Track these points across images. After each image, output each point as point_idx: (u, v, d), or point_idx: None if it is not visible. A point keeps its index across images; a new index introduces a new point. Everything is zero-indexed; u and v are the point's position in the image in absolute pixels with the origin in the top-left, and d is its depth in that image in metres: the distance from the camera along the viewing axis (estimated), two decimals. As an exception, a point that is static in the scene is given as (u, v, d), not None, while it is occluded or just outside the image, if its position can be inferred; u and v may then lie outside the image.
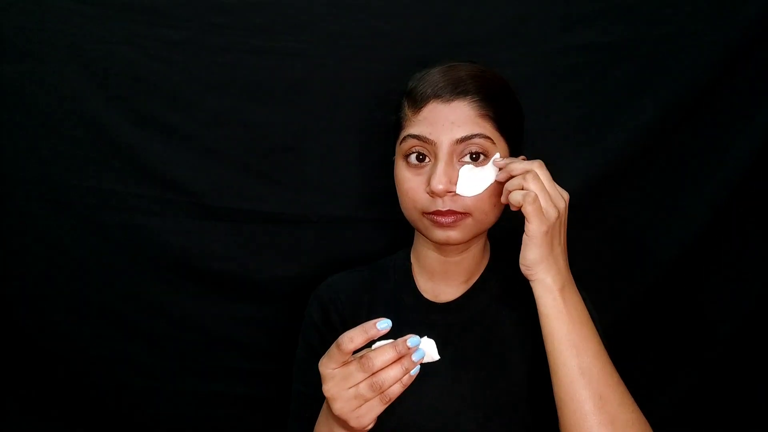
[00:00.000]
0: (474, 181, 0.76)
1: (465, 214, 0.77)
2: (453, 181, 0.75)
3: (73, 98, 0.98)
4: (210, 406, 1.13)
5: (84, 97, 0.98)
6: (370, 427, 0.66)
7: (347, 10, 0.97)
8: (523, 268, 0.73)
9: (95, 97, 0.98)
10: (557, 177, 1.03)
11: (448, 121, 0.75)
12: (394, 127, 0.83)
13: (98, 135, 0.99)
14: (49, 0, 0.93)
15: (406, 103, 0.80)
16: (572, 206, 1.04)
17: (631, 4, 0.97)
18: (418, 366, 0.65)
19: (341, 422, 0.67)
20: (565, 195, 0.74)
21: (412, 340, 0.65)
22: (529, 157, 0.96)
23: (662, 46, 0.98)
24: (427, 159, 0.77)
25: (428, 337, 0.68)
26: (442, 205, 0.76)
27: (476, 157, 0.76)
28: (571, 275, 0.74)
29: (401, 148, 0.79)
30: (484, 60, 0.94)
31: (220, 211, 1.04)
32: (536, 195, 0.70)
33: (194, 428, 1.14)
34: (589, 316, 0.73)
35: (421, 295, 0.87)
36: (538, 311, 0.73)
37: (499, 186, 0.77)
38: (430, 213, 0.77)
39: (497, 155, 0.77)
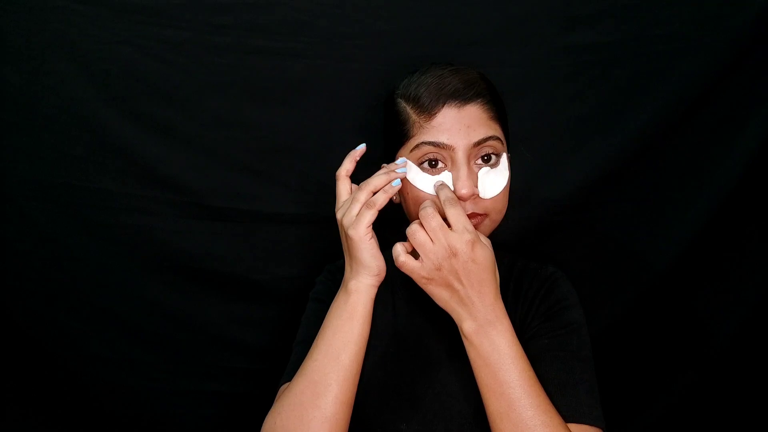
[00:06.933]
0: (491, 183, 0.78)
1: (484, 215, 0.79)
2: (476, 184, 0.77)
3: (72, 98, 0.98)
4: (210, 406, 1.13)
5: (84, 97, 0.98)
6: (363, 233, 0.73)
7: (347, 10, 0.96)
8: None
9: (95, 97, 0.98)
10: (557, 177, 1.02)
11: (463, 125, 0.76)
12: (397, 134, 0.82)
13: (98, 135, 0.99)
14: (49, 0, 0.93)
15: (410, 110, 0.79)
16: (571, 207, 1.05)
17: (631, 4, 0.97)
18: (399, 181, 0.77)
19: (350, 255, 0.77)
20: (467, 237, 0.70)
21: (400, 161, 0.80)
22: (527, 157, 0.96)
23: (662, 46, 0.98)
24: (440, 164, 0.78)
25: (426, 321, 0.81)
26: (464, 209, 0.76)
27: (488, 159, 0.78)
28: (496, 312, 0.72)
29: (413, 155, 0.79)
30: (485, 60, 0.94)
31: (220, 211, 1.04)
32: (422, 239, 0.71)
33: (194, 428, 1.14)
34: (516, 357, 0.71)
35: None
36: None
37: (506, 185, 0.80)
38: None
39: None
